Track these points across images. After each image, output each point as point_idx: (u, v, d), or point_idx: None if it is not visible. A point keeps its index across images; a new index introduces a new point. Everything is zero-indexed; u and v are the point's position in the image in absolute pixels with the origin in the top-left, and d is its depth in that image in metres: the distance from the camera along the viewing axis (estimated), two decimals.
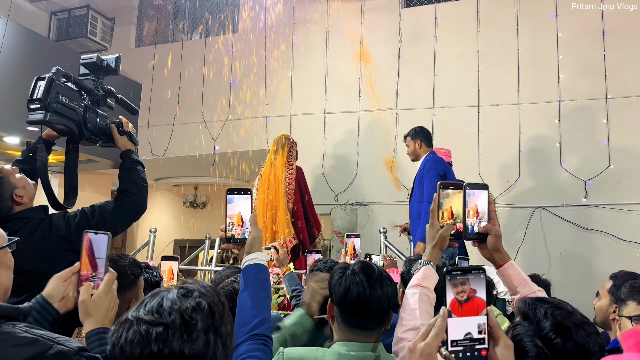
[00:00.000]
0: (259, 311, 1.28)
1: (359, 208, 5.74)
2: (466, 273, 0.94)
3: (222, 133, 6.54)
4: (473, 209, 1.38)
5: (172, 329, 0.81)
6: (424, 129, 4.32)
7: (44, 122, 1.76)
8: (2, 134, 4.93)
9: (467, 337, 0.92)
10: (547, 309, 1.08)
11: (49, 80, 1.74)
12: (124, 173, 2.04)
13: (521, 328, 1.08)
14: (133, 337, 0.81)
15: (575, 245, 4.84)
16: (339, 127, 6.07)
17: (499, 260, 1.41)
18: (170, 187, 9.75)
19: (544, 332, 1.04)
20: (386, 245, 4.07)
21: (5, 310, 0.94)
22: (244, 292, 1.33)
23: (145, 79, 6.80)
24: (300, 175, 4.44)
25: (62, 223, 1.80)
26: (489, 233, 1.39)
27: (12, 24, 5.03)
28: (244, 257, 1.42)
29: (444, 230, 1.37)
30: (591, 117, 5.12)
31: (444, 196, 1.40)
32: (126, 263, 1.56)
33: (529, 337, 1.05)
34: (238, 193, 1.52)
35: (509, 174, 5.25)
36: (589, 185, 5.00)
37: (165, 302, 0.85)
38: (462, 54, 5.65)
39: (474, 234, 1.38)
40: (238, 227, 1.50)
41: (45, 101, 1.72)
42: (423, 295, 1.29)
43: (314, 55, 6.31)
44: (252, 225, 1.47)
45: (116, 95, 2.06)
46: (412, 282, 1.35)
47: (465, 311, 0.93)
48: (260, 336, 1.23)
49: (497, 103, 5.45)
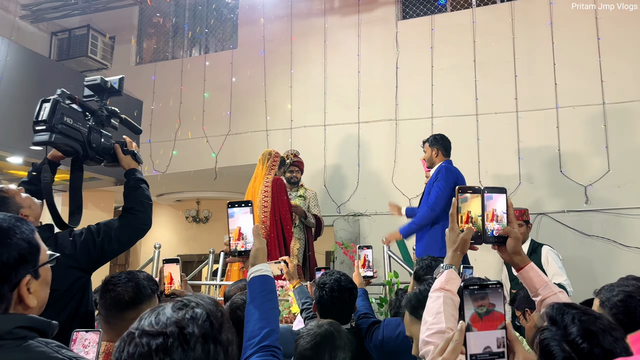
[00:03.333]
0: (267, 322, 1.28)
1: (361, 218, 5.76)
2: (484, 287, 0.94)
3: (223, 148, 6.58)
4: (491, 212, 1.38)
5: (171, 338, 0.83)
6: (444, 137, 4.24)
7: (49, 143, 1.78)
8: (5, 154, 4.97)
9: (486, 351, 0.92)
10: (574, 314, 1.09)
11: (53, 102, 1.77)
12: (128, 191, 2.07)
13: (548, 333, 1.08)
14: (134, 350, 0.84)
15: (578, 251, 4.84)
16: (339, 138, 6.10)
17: (520, 263, 1.41)
18: (172, 203, 9.77)
19: (571, 337, 1.05)
20: (389, 256, 4.08)
21: (39, 324, 0.99)
22: (250, 305, 1.34)
23: (146, 96, 6.86)
24: (275, 187, 4.50)
25: (67, 241, 1.83)
26: (509, 236, 1.39)
27: (14, 46, 5.10)
28: (249, 269, 1.43)
29: (465, 233, 1.37)
30: (589, 122, 5.15)
31: (462, 200, 1.39)
32: (142, 277, 1.62)
33: (556, 341, 1.06)
34: (239, 206, 1.52)
35: (509, 182, 5.26)
36: (590, 191, 5.01)
37: (162, 315, 0.88)
38: (459, 64, 5.70)
39: (493, 237, 1.38)
40: (241, 240, 1.50)
41: (51, 122, 1.75)
42: (447, 299, 1.30)
43: (313, 68, 6.37)
44: (255, 237, 1.47)
45: (120, 115, 2.09)
46: (436, 286, 1.35)
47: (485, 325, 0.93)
48: (269, 347, 1.23)
49: (496, 111, 5.48)
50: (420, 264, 2.34)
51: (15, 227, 1.01)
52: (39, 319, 1.01)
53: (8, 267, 0.96)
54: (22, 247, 1.00)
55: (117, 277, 1.71)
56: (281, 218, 4.46)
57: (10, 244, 0.98)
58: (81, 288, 1.85)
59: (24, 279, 0.99)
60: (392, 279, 3.50)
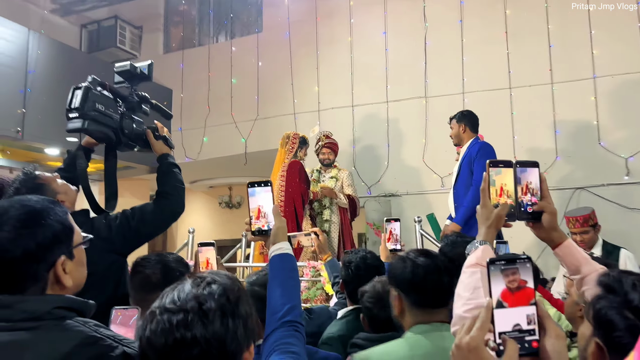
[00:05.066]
0: (288, 299, 1.29)
1: (392, 199, 5.71)
2: (513, 262, 0.90)
3: (252, 132, 6.60)
4: (525, 185, 1.31)
5: (191, 314, 0.86)
6: (471, 113, 4.17)
7: (82, 130, 1.81)
8: (42, 146, 5.11)
9: (515, 328, 0.89)
10: (634, 280, 1.01)
11: (85, 89, 1.79)
12: (161, 176, 2.09)
13: (606, 301, 1.01)
14: (156, 327, 0.86)
15: (620, 225, 4.67)
16: (367, 119, 6.04)
17: (557, 240, 1.33)
18: (205, 190, 9.92)
19: (634, 304, 0.97)
20: (422, 235, 4.04)
21: (77, 304, 1.02)
22: (272, 282, 1.35)
23: (175, 84, 6.93)
24: (290, 170, 4.64)
25: (103, 225, 1.86)
26: (544, 211, 1.32)
27: (45, 39, 5.20)
28: (270, 248, 1.44)
29: (500, 209, 1.31)
30: (628, 91, 4.94)
31: (496, 173, 1.33)
32: (171, 259, 1.61)
33: (615, 309, 0.98)
34: (259, 185, 1.54)
35: (545, 156, 5.12)
36: (630, 163, 4.83)
37: (182, 291, 0.91)
38: (490, 37, 5.53)
39: (527, 213, 1.32)
40: (262, 219, 1.51)
41: (83, 110, 1.77)
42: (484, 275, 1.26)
43: (339, 48, 6.30)
44: (275, 216, 1.48)
45: (150, 101, 2.10)
46: (471, 261, 1.29)
47: (515, 301, 0.90)
48: (291, 322, 1.25)
49: (530, 84, 5.31)
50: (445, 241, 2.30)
51: (49, 209, 1.03)
52: (76, 299, 1.03)
53: (43, 247, 0.99)
54: (56, 228, 1.02)
55: (147, 259, 1.73)
56: (294, 200, 4.56)
57: (45, 225, 1.00)
58: (117, 271, 1.88)
59: (59, 260, 1.02)
60: None
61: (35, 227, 0.99)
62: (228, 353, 0.87)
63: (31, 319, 0.94)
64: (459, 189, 4.06)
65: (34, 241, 0.97)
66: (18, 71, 4.80)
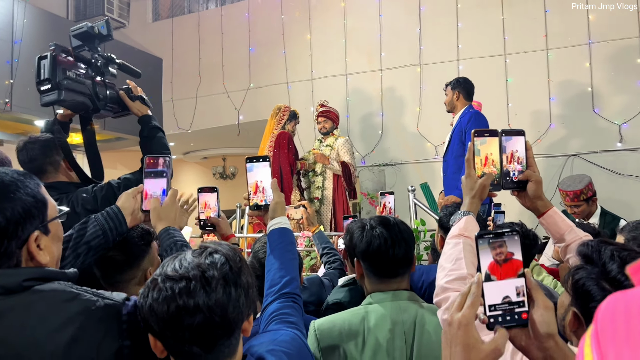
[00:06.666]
0: (286, 271, 1.32)
1: (386, 169, 5.70)
2: (500, 235, 0.89)
3: (245, 102, 6.53)
4: (510, 154, 1.31)
5: (194, 281, 0.86)
6: (467, 80, 4.09)
7: (59, 102, 1.71)
8: (33, 117, 5.04)
9: (505, 301, 0.88)
10: (612, 250, 1.01)
11: (52, 58, 1.68)
12: (144, 142, 2.00)
13: (584, 272, 1.02)
14: (158, 295, 0.86)
15: (613, 192, 4.70)
16: (361, 87, 5.98)
17: (541, 208, 1.34)
18: (199, 160, 9.87)
19: (612, 274, 0.98)
20: (415, 204, 4.04)
21: (53, 275, 0.97)
22: (270, 256, 1.37)
23: (165, 53, 6.81)
24: (278, 140, 4.69)
25: (89, 197, 1.80)
26: (529, 180, 1.31)
27: (31, 8, 5.07)
28: (268, 223, 1.45)
29: (484, 179, 1.30)
30: (624, 58, 4.90)
31: (481, 142, 1.32)
32: (136, 234, 1.50)
33: (593, 280, 1.00)
34: (257, 161, 1.53)
35: (540, 123, 5.10)
36: (624, 129, 4.82)
37: (184, 260, 0.91)
38: (485, 2, 5.43)
39: (512, 182, 1.31)
40: (260, 194, 1.51)
41: (55, 80, 1.67)
42: (467, 245, 1.24)
43: (332, 16, 6.18)
44: (273, 191, 1.49)
45: (116, 61, 1.96)
46: (454, 232, 1.29)
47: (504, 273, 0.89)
48: (289, 294, 1.27)
49: (525, 50, 5.25)
50: (444, 211, 2.29)
51: (19, 182, 0.95)
52: (51, 269, 0.98)
53: (13, 222, 0.92)
54: (27, 201, 0.95)
55: None
56: (281, 170, 4.61)
57: (14, 199, 0.93)
58: None
59: (32, 235, 0.95)
60: (418, 226, 3.47)
61: (3, 202, 0.92)
62: (230, 321, 0.88)
63: (2, 293, 0.88)
64: (448, 159, 4.03)
65: (3, 216, 0.90)
66: (4, 42, 4.69)
